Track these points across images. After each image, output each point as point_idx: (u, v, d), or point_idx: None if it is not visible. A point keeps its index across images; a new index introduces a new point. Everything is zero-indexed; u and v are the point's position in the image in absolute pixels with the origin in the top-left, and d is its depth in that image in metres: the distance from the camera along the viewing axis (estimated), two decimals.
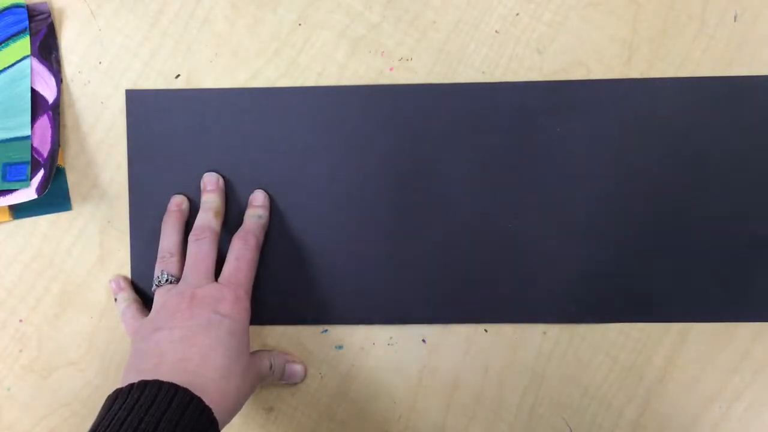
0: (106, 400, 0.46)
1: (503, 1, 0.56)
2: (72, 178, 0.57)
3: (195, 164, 0.56)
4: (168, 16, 0.57)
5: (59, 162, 0.57)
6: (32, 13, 0.57)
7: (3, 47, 0.56)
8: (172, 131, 0.56)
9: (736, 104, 0.55)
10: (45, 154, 0.56)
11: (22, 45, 0.56)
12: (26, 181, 0.55)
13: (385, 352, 0.56)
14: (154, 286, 0.53)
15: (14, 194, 0.55)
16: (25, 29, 0.56)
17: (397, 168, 0.56)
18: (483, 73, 0.56)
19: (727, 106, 0.55)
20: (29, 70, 0.56)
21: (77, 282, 0.57)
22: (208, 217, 0.54)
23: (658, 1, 0.56)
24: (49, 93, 0.56)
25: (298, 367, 0.55)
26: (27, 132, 0.56)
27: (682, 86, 0.55)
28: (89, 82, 0.57)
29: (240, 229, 0.54)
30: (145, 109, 0.57)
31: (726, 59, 0.56)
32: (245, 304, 0.51)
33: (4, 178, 0.55)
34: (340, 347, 0.56)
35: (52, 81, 0.57)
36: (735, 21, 0.56)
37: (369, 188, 0.56)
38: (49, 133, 0.56)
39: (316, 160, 0.56)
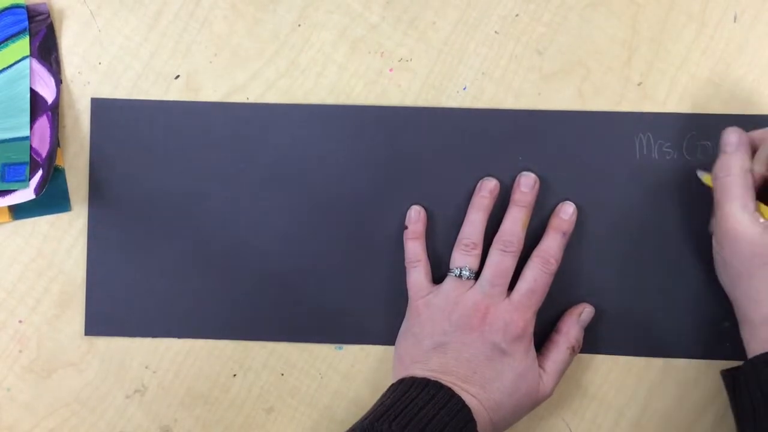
0: (401, 383, 0.50)
1: (503, 1, 0.56)
2: (72, 179, 0.57)
3: (157, 175, 0.56)
4: (167, 16, 0.57)
5: (59, 163, 0.57)
6: (32, 13, 0.57)
7: (2, 47, 0.56)
8: (136, 141, 0.57)
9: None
10: (44, 154, 0.56)
11: (22, 45, 0.56)
12: (25, 181, 0.55)
13: (385, 353, 0.56)
14: (451, 273, 0.53)
15: (13, 195, 0.55)
16: (24, 30, 0.56)
17: (361, 187, 0.56)
18: (483, 73, 0.56)
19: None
20: (28, 71, 0.56)
21: (77, 283, 0.57)
22: (516, 230, 0.53)
23: (657, 2, 0.56)
24: (48, 93, 0.56)
25: (586, 315, 0.54)
26: (26, 132, 0.56)
27: (643, 120, 0.55)
28: (89, 82, 0.57)
29: (542, 246, 0.53)
30: (111, 118, 0.57)
31: (726, 60, 0.56)
32: (529, 339, 0.52)
33: (3, 179, 0.55)
34: (340, 347, 0.56)
35: (51, 81, 0.57)
36: (735, 21, 0.56)
37: (333, 208, 0.56)
38: (48, 133, 0.56)
39: (278, 177, 0.56)
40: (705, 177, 0.53)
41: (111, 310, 0.56)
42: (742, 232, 0.48)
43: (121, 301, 0.56)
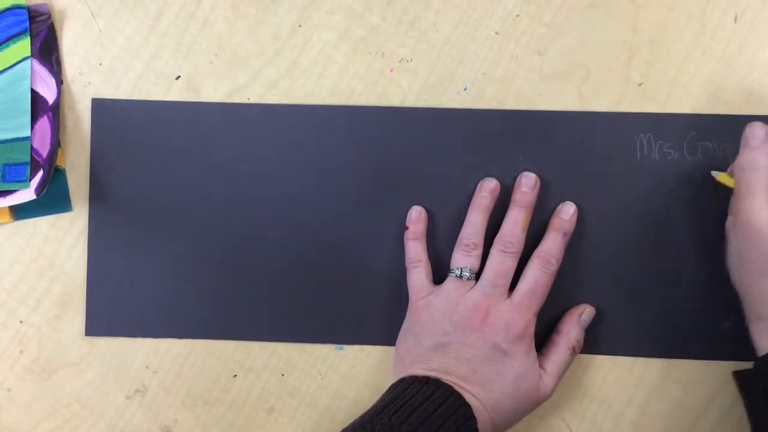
0: (401, 381, 0.51)
1: (503, 2, 0.56)
2: (72, 180, 0.57)
3: (158, 175, 0.57)
4: (168, 17, 0.57)
5: (60, 163, 0.57)
6: (33, 14, 0.57)
7: (3, 48, 0.56)
8: (137, 141, 0.57)
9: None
10: (44, 154, 0.56)
11: (23, 46, 0.56)
12: (26, 181, 0.55)
13: (385, 353, 0.56)
14: (452, 274, 0.53)
15: (13, 195, 0.55)
16: (25, 30, 0.56)
17: (362, 187, 0.56)
18: (483, 74, 0.56)
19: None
20: (29, 71, 0.56)
21: (78, 283, 0.57)
22: (517, 230, 0.53)
23: (658, 3, 0.56)
24: (49, 94, 0.56)
25: (587, 315, 0.55)
26: (27, 133, 0.56)
27: (645, 121, 0.55)
28: (90, 83, 0.57)
29: (542, 246, 0.53)
30: (111, 119, 0.57)
31: (726, 60, 0.56)
32: (530, 339, 0.52)
33: (4, 179, 0.55)
34: (340, 348, 0.56)
35: (52, 82, 0.57)
36: (735, 22, 0.56)
37: (334, 209, 0.56)
38: (48, 133, 0.56)
39: (278, 177, 0.56)
40: (720, 176, 0.53)
41: (111, 311, 0.56)
42: (765, 228, 0.47)
43: (121, 302, 0.56)
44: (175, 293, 0.56)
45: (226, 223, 0.56)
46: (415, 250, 0.55)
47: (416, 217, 0.55)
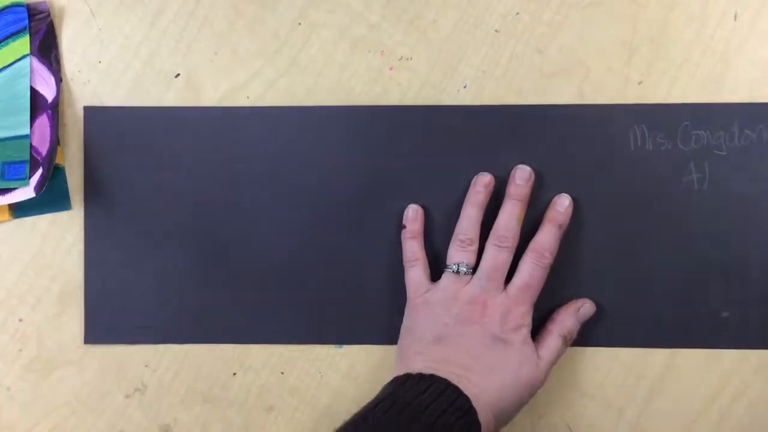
0: (395, 379, 0.51)
1: (503, 0, 0.56)
2: (72, 178, 0.57)
3: (155, 178, 0.56)
4: (168, 15, 0.57)
5: (59, 161, 0.57)
6: (32, 12, 0.57)
7: (2, 46, 0.56)
8: (131, 146, 0.56)
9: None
10: (44, 153, 0.56)
11: (22, 44, 0.56)
12: (25, 179, 0.55)
13: (385, 352, 0.56)
14: (448, 269, 0.53)
15: (13, 193, 0.55)
16: (24, 28, 0.56)
17: (361, 186, 0.56)
18: (483, 72, 0.56)
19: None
20: (29, 69, 0.56)
21: (77, 282, 0.57)
22: (511, 224, 0.53)
23: (658, 1, 0.56)
24: (48, 92, 0.56)
25: (586, 309, 0.55)
26: (26, 131, 0.56)
27: (641, 112, 0.55)
28: (89, 81, 0.57)
29: (537, 239, 0.53)
30: (104, 126, 0.57)
31: (726, 59, 0.56)
32: (527, 329, 0.52)
33: (3, 177, 0.55)
34: (340, 346, 0.56)
35: (51, 80, 0.56)
36: (735, 20, 0.56)
37: (331, 209, 0.56)
38: (48, 132, 0.56)
39: (275, 178, 0.56)
40: None
41: (109, 319, 0.56)
42: None
43: (119, 309, 0.56)
44: (174, 298, 0.56)
45: (224, 225, 0.56)
46: (412, 249, 0.55)
47: (413, 215, 0.55)
